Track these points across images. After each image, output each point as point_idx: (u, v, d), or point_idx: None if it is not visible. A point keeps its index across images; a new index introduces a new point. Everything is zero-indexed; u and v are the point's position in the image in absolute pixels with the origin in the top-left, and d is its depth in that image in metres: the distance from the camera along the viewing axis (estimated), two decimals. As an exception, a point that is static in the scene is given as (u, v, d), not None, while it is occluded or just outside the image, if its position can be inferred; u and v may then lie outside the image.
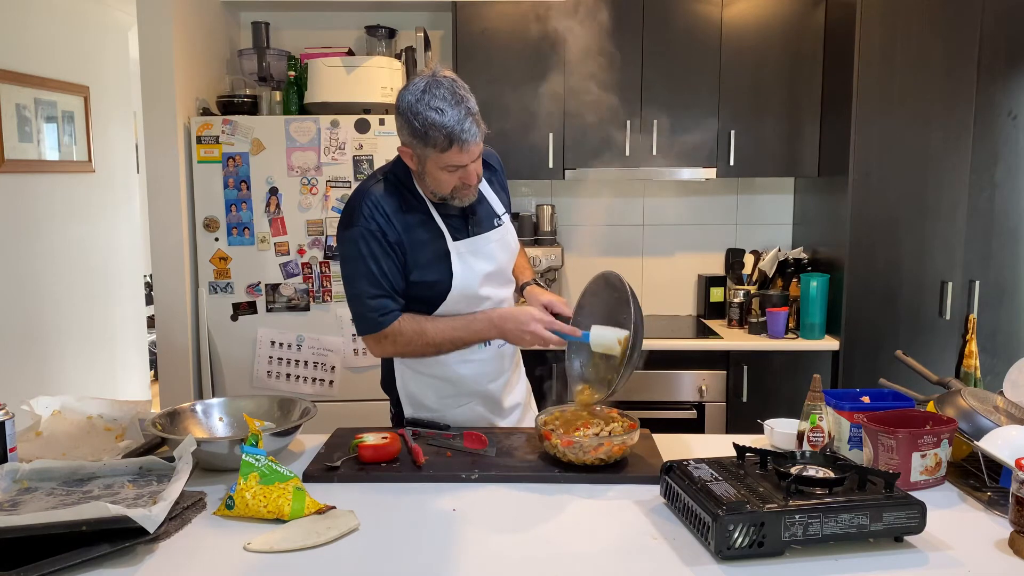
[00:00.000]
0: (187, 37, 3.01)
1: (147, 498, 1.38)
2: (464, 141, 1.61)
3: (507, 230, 1.90)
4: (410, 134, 1.64)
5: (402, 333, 1.75)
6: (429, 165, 1.68)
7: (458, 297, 1.80)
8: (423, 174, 1.71)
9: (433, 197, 1.77)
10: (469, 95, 1.64)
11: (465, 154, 1.64)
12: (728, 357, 3.08)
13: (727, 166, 3.25)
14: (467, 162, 1.66)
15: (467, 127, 1.60)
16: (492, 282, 1.86)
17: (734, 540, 1.23)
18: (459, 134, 1.60)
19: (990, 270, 3.04)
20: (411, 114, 1.61)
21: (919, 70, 2.97)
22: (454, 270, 1.77)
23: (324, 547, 1.30)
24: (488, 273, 1.84)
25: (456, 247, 1.79)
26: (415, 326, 1.76)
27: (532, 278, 2.01)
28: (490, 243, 1.84)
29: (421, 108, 1.60)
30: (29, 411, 1.76)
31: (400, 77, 3.03)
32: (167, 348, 2.99)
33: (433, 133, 1.60)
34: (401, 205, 1.75)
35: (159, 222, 2.95)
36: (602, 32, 3.18)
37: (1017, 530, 1.28)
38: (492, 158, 1.95)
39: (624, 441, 1.59)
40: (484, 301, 1.84)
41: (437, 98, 1.60)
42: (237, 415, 1.77)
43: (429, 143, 1.62)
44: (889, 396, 1.75)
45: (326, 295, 2.97)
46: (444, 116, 1.59)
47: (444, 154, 1.63)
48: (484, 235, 1.83)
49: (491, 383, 1.92)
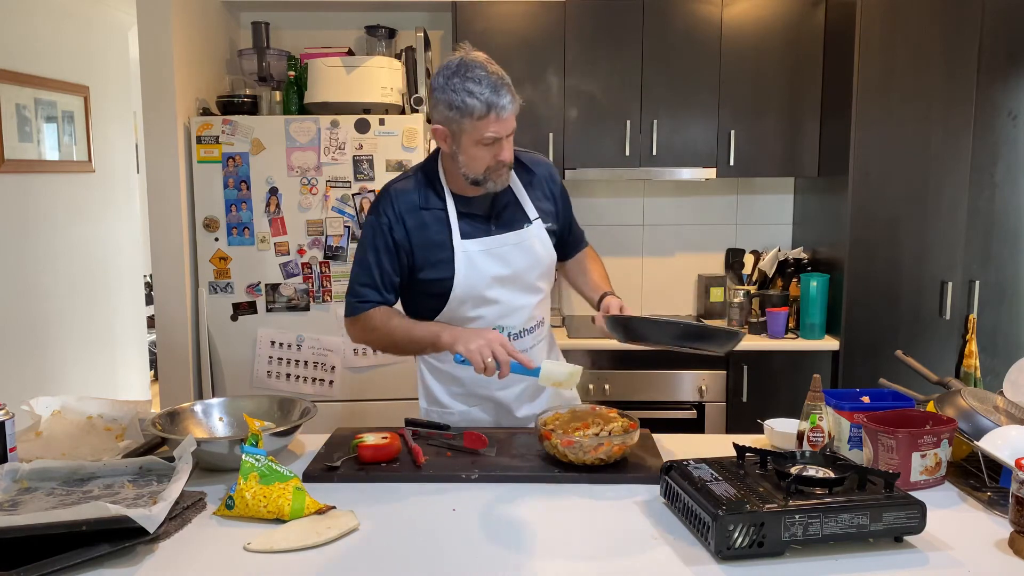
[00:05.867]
0: (187, 37, 3.01)
1: (147, 498, 1.38)
2: (501, 107, 1.64)
3: (533, 235, 1.84)
4: (446, 107, 1.66)
5: (371, 322, 1.80)
6: (464, 141, 1.69)
7: (462, 297, 1.80)
8: (457, 154, 1.72)
9: (465, 184, 1.76)
10: (502, 71, 1.69)
11: (501, 123, 1.66)
12: (728, 357, 3.08)
13: (727, 166, 3.25)
14: (502, 133, 1.67)
15: (503, 94, 1.64)
16: (504, 286, 1.82)
17: (734, 540, 1.23)
18: (496, 100, 1.63)
19: (990, 270, 3.04)
20: (447, 88, 1.65)
21: (919, 70, 2.97)
22: (456, 269, 1.77)
23: (324, 547, 1.30)
24: (499, 276, 1.81)
25: (463, 245, 1.78)
26: (385, 320, 1.79)
27: (610, 289, 1.94)
28: (505, 245, 1.81)
29: (458, 80, 1.64)
30: (29, 411, 1.76)
31: (400, 77, 3.03)
32: (167, 348, 2.99)
33: (471, 101, 1.63)
34: (421, 203, 1.79)
35: (159, 222, 2.95)
36: (602, 32, 3.19)
37: (1017, 530, 1.28)
38: (540, 166, 1.92)
39: (624, 441, 1.59)
40: (492, 305, 1.82)
41: (474, 69, 1.64)
42: (237, 415, 1.77)
43: (466, 112, 1.64)
44: (889, 396, 1.75)
45: (326, 295, 2.97)
46: (481, 84, 1.63)
47: (480, 122, 1.64)
48: (499, 236, 1.81)
49: (500, 391, 1.90)
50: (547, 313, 1.99)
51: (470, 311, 1.82)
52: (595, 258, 2.06)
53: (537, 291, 1.89)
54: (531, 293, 1.88)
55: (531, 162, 1.90)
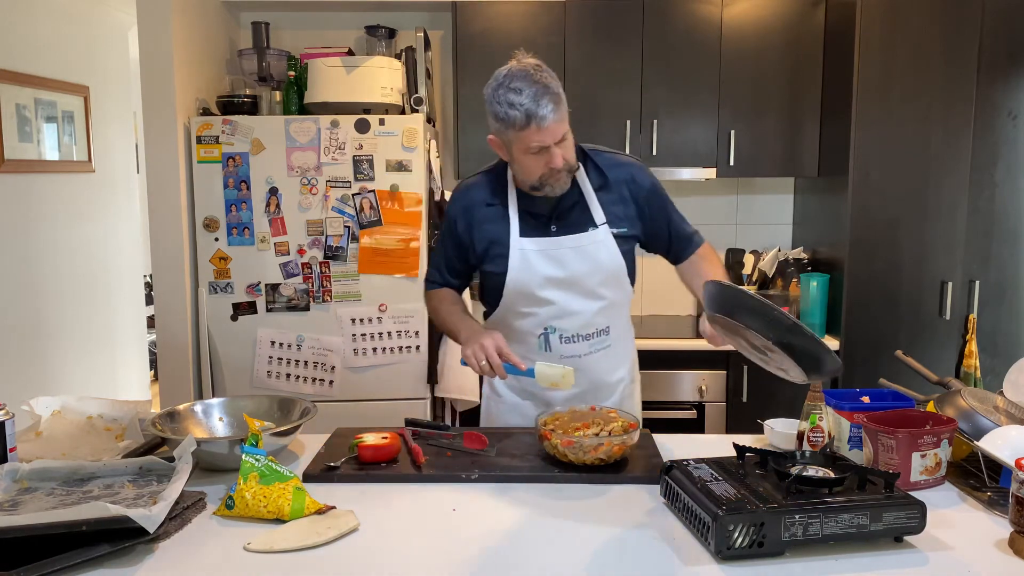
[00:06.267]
0: (187, 37, 3.00)
1: (147, 498, 1.38)
2: (541, 117, 1.63)
3: (596, 240, 1.81)
4: (494, 118, 1.69)
5: (431, 301, 2.00)
6: (515, 151, 1.72)
7: (514, 294, 1.84)
8: (512, 163, 1.76)
9: (526, 188, 1.79)
10: (551, 79, 1.67)
11: (544, 132, 1.65)
12: (728, 357, 3.08)
13: (727, 166, 3.25)
14: (548, 141, 1.67)
15: (543, 104, 1.63)
16: (559, 288, 1.82)
17: (734, 540, 1.23)
18: (535, 110, 1.63)
19: (990, 270, 3.04)
20: (493, 100, 1.67)
21: (919, 70, 2.97)
22: (510, 265, 1.82)
23: (324, 547, 1.30)
24: (553, 277, 1.81)
25: (520, 243, 1.82)
26: (437, 303, 1.96)
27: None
28: (563, 248, 1.81)
29: (501, 91, 1.65)
30: (29, 411, 1.76)
31: (400, 77, 3.03)
32: (167, 348, 2.99)
33: (512, 112, 1.64)
34: (487, 199, 1.86)
35: (159, 222, 2.95)
36: (602, 32, 3.19)
37: (1017, 530, 1.28)
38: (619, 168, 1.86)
39: (624, 441, 1.59)
40: (546, 305, 1.83)
41: (516, 79, 1.65)
42: (237, 415, 1.77)
43: (509, 123, 1.66)
44: (889, 396, 1.75)
45: (326, 295, 2.97)
46: (520, 95, 1.63)
47: (523, 133, 1.66)
48: (558, 238, 1.81)
49: (547, 391, 1.88)
50: (618, 323, 1.92)
51: (523, 307, 1.85)
52: (709, 257, 1.94)
53: (598, 298, 1.85)
54: (590, 299, 1.85)
55: (608, 164, 1.86)
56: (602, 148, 1.89)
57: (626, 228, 1.85)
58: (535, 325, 1.85)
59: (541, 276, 1.82)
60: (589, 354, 1.88)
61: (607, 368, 1.93)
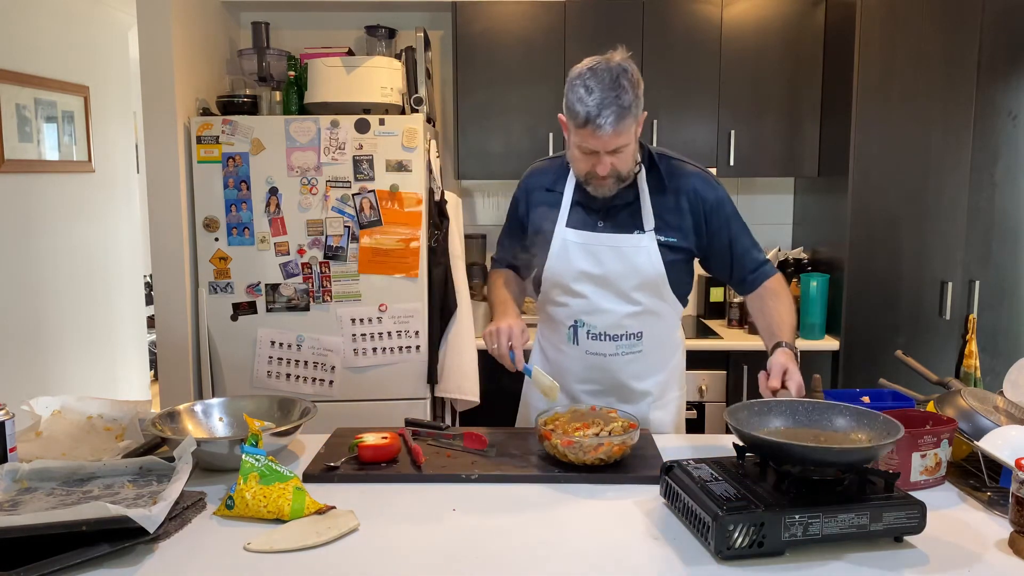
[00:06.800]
0: (187, 37, 3.00)
1: (147, 498, 1.38)
2: (598, 125, 1.63)
3: (638, 244, 1.79)
4: (565, 102, 1.70)
5: (490, 278, 2.04)
6: (571, 140, 1.74)
7: (551, 282, 1.87)
8: (568, 148, 1.78)
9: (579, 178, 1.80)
10: (628, 89, 1.63)
11: (598, 139, 1.65)
12: (728, 357, 3.08)
13: (727, 166, 3.25)
14: (599, 148, 1.67)
15: (605, 114, 1.62)
16: (593, 284, 1.83)
17: (734, 540, 1.23)
18: (595, 117, 1.63)
19: (990, 270, 3.04)
20: (570, 85, 1.68)
21: (919, 70, 2.97)
22: (551, 252, 1.84)
23: (324, 547, 1.30)
24: (588, 273, 1.82)
25: (564, 233, 1.84)
26: (493, 280, 2.01)
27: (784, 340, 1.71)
28: (602, 245, 1.81)
29: (578, 81, 1.66)
30: (29, 411, 1.76)
31: (400, 77, 3.03)
32: (167, 348, 2.99)
33: (577, 107, 1.65)
34: (548, 185, 1.90)
35: (159, 222, 2.95)
36: (602, 32, 3.19)
37: (1017, 530, 1.28)
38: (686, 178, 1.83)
39: (624, 441, 1.59)
40: (578, 298, 1.85)
41: (595, 77, 1.64)
42: (237, 415, 1.77)
43: (571, 115, 1.68)
44: (889, 396, 1.76)
45: (326, 295, 2.97)
46: (591, 95, 1.63)
47: (580, 130, 1.67)
48: (601, 235, 1.82)
49: (577, 383, 1.90)
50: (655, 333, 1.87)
51: (558, 296, 1.88)
52: (777, 293, 1.84)
53: (631, 302, 1.83)
54: (623, 301, 1.83)
55: (673, 172, 1.83)
56: (673, 154, 1.88)
57: (676, 238, 1.81)
58: (567, 316, 1.88)
59: (577, 269, 1.83)
60: (615, 355, 1.87)
61: (633, 374, 1.90)
